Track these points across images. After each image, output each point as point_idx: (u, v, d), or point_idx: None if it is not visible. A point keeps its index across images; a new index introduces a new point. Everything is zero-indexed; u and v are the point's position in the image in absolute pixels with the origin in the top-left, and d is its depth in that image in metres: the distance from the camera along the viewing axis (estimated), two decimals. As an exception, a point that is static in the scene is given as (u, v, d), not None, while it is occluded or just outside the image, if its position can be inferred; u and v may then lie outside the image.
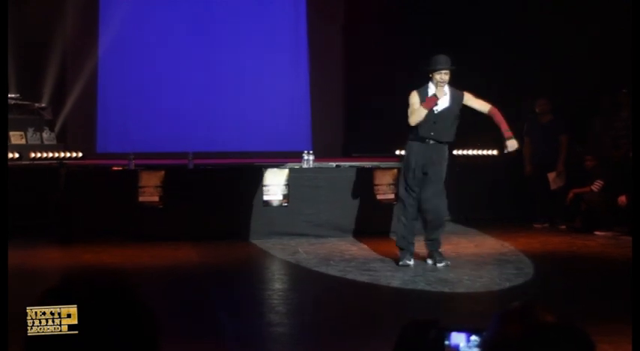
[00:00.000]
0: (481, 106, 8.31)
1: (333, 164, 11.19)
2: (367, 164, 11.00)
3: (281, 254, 9.18)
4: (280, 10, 15.89)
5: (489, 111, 8.26)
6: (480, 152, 13.49)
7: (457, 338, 1.86)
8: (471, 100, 8.29)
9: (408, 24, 14.30)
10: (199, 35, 15.42)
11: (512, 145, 8.31)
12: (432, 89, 8.14)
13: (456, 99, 8.22)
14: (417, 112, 8.09)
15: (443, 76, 8.06)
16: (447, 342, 1.85)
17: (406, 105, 8.25)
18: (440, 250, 8.43)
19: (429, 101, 8.06)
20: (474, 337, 1.86)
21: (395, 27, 14.49)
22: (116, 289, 1.58)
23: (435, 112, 8.12)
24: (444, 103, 8.17)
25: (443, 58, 8.12)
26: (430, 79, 8.17)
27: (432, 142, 8.17)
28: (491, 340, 1.65)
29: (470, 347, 1.86)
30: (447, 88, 8.17)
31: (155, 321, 1.60)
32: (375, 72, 14.39)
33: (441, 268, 8.18)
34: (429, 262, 8.39)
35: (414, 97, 8.17)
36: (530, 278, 7.84)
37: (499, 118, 8.24)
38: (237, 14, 15.57)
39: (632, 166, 8.61)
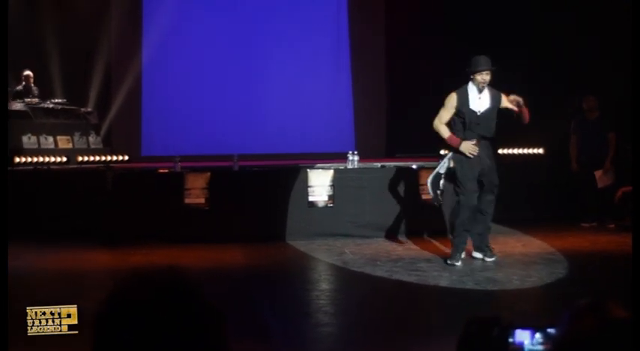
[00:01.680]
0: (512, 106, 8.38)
1: (378, 165, 11.16)
2: (412, 164, 10.94)
3: (327, 255, 9.17)
4: (322, 14, 15.93)
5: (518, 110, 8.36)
6: (525, 151, 13.37)
7: (521, 336, 1.83)
8: (506, 102, 8.34)
9: (449, 24, 14.23)
10: (242, 39, 15.51)
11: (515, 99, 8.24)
12: (472, 90, 8.21)
13: (495, 98, 8.29)
14: (442, 132, 8.29)
15: (484, 76, 8.14)
16: (510, 339, 1.82)
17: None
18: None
19: (453, 141, 8.21)
20: (538, 335, 1.83)
21: (436, 26, 14.43)
22: (183, 288, 1.57)
23: (478, 113, 8.20)
24: (484, 103, 8.24)
25: (483, 59, 8.20)
26: (471, 80, 8.23)
27: (475, 141, 8.23)
28: (564, 336, 1.62)
29: (534, 344, 1.82)
30: (486, 89, 8.24)
31: (225, 320, 1.60)
32: (417, 72, 14.35)
33: (490, 263, 8.25)
34: (478, 255, 8.47)
35: (452, 100, 8.26)
36: (579, 278, 7.76)
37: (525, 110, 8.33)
38: (279, 18, 15.63)
39: (632, 167, 8.48)
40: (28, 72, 12.87)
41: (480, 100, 8.22)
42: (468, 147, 8.12)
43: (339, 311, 6.54)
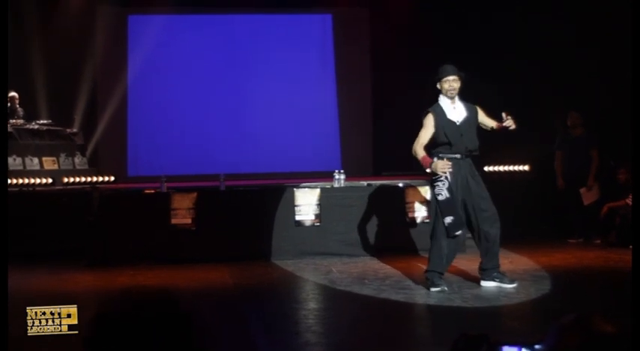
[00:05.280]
0: (491, 121, 8.03)
1: (365, 183, 11.18)
2: (398, 182, 10.96)
3: (314, 274, 9.16)
4: (307, 32, 16.00)
5: (495, 125, 7.97)
6: (510, 168, 13.42)
7: (509, 352, 1.83)
8: (482, 116, 8.02)
9: (435, 40, 14.30)
10: (228, 58, 15.57)
11: (510, 122, 7.77)
12: (444, 102, 7.86)
13: (470, 109, 7.95)
14: (418, 153, 7.83)
15: (451, 83, 7.79)
16: (498, 356, 1.83)
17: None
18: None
19: (424, 162, 7.77)
20: (525, 351, 1.83)
21: (422, 44, 14.49)
22: (174, 310, 1.58)
23: (457, 123, 7.84)
24: (461, 113, 7.89)
25: (449, 67, 7.87)
26: (440, 91, 7.90)
27: (459, 156, 7.83)
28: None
29: (522, 361, 1.83)
30: (457, 99, 7.89)
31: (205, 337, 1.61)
32: (404, 90, 14.40)
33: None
34: (490, 284, 7.99)
35: (429, 118, 7.86)
36: (567, 294, 7.78)
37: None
38: (265, 38, 15.70)
39: (632, 168, 8.51)
40: (13, 93, 12.85)
41: (455, 110, 7.86)
42: (440, 165, 7.64)
43: (327, 330, 6.51)
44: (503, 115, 7.88)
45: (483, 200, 7.93)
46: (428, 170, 7.88)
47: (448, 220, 7.75)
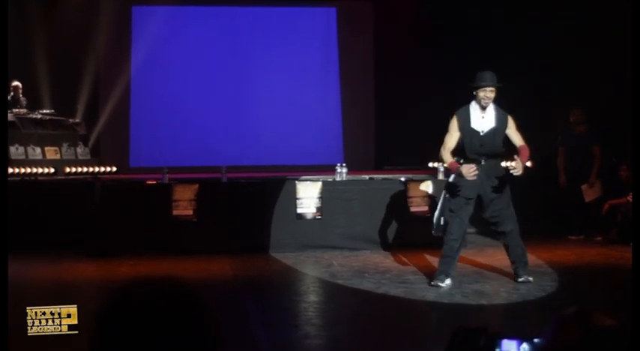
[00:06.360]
0: (518, 140, 7.83)
1: (367, 177, 11.18)
2: (400, 177, 10.96)
3: (315, 267, 9.17)
4: (311, 25, 15.98)
5: (521, 146, 7.80)
6: (513, 163, 13.39)
7: (508, 346, 1.84)
8: (512, 129, 7.83)
9: (438, 35, 14.29)
10: (231, 50, 15.54)
11: (518, 167, 7.56)
12: (474, 108, 7.75)
13: (501, 119, 7.78)
14: (445, 159, 7.82)
15: (488, 93, 7.63)
16: (497, 349, 1.83)
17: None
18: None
19: (452, 167, 7.75)
20: (524, 345, 1.83)
21: (426, 38, 14.48)
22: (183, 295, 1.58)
23: (481, 133, 7.73)
24: (489, 123, 7.75)
25: (488, 75, 7.69)
26: (474, 97, 7.75)
27: (483, 161, 7.74)
28: (550, 345, 1.62)
29: (521, 355, 1.83)
30: (492, 107, 7.76)
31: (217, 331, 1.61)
32: (407, 84, 14.38)
33: (478, 277, 7.99)
34: (524, 279, 7.97)
35: (453, 122, 7.77)
36: (567, 290, 7.78)
37: (525, 152, 7.76)
38: (268, 30, 15.69)
39: (632, 166, 8.49)
40: (16, 82, 12.85)
41: (483, 120, 7.72)
42: (467, 169, 7.52)
43: (327, 323, 6.52)
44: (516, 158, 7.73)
45: (497, 199, 7.87)
46: (451, 176, 7.87)
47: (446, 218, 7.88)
